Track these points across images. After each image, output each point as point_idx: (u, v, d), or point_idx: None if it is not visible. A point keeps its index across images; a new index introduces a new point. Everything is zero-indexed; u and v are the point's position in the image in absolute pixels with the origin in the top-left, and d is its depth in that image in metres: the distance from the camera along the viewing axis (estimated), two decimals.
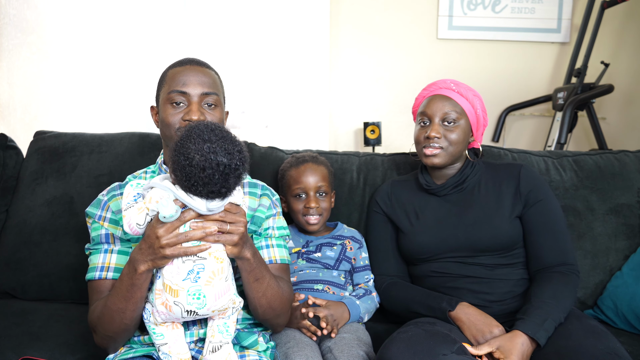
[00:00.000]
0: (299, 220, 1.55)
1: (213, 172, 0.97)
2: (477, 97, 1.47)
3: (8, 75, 2.39)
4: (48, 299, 1.68)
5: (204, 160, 0.97)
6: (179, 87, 1.21)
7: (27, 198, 1.75)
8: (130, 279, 1.07)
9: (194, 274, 1.02)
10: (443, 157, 1.44)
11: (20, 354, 1.27)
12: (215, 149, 0.97)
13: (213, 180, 0.98)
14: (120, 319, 1.10)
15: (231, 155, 0.99)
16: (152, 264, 1.04)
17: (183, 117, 1.19)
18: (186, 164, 0.97)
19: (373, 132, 3.12)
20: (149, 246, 1.03)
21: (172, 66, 1.27)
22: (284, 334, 1.37)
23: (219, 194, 1.01)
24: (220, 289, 1.04)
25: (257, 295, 1.16)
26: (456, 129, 1.44)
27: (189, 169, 0.97)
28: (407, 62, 3.31)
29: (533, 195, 1.42)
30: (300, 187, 1.53)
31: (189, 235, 1.02)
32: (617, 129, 3.30)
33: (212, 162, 0.97)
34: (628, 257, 1.65)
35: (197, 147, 0.97)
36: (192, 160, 0.97)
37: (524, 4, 3.25)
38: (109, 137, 1.84)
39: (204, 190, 0.99)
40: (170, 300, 1.03)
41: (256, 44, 3.15)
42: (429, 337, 1.20)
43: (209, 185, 0.98)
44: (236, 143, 1.01)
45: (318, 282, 1.50)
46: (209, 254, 1.04)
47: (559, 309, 1.28)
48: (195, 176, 0.97)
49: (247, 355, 1.20)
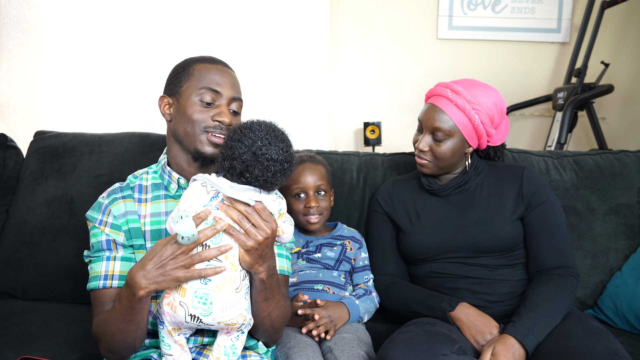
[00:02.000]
0: (300, 220, 1.55)
1: (274, 163, 1.02)
2: (477, 110, 1.37)
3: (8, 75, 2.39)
4: (48, 299, 1.68)
5: (274, 152, 1.02)
6: (212, 86, 1.17)
7: (27, 198, 1.75)
8: (129, 302, 1.01)
9: None
10: (431, 168, 1.44)
11: (20, 354, 1.27)
12: (281, 145, 1.04)
13: (271, 169, 1.02)
14: (122, 339, 1.06)
15: (292, 156, 1.07)
16: (156, 287, 0.98)
17: (214, 117, 1.16)
18: (255, 148, 1.01)
19: (373, 132, 3.12)
20: (157, 267, 0.97)
21: (199, 60, 1.22)
22: (284, 334, 1.37)
23: (271, 184, 1.04)
24: (229, 300, 1.00)
25: (262, 315, 1.11)
26: (444, 145, 1.40)
27: (255, 155, 1.01)
28: (407, 62, 3.30)
29: (536, 198, 1.42)
30: (300, 186, 1.53)
31: (202, 255, 0.98)
32: (617, 129, 3.30)
33: (279, 154, 1.03)
34: (628, 257, 1.65)
35: (267, 138, 1.03)
36: (262, 148, 1.02)
37: (524, 4, 3.25)
38: (109, 137, 1.84)
39: (259, 175, 1.01)
40: (177, 299, 0.99)
41: (256, 43, 3.15)
42: (429, 337, 1.20)
43: (267, 171, 1.01)
44: (287, 141, 1.08)
45: (318, 283, 1.50)
46: (226, 258, 1.00)
47: (552, 312, 1.27)
48: (257, 160, 1.01)
49: (248, 355, 1.19)
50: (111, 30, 2.99)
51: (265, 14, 3.14)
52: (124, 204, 1.19)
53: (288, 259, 1.27)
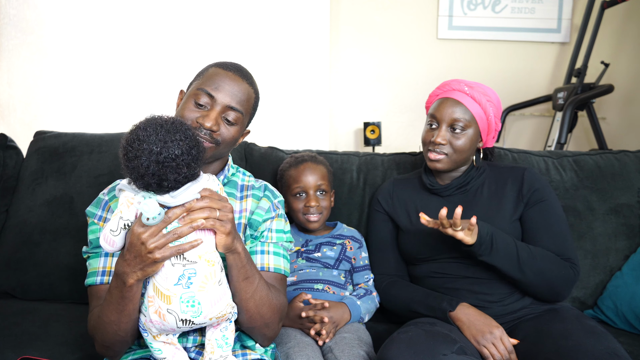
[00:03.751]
0: (300, 219, 1.55)
1: (183, 157, 0.93)
2: (490, 103, 1.42)
3: (8, 75, 2.39)
4: (48, 299, 1.68)
5: (175, 147, 0.93)
6: (208, 89, 1.16)
7: (27, 198, 1.75)
8: (120, 292, 1.00)
9: (185, 279, 0.97)
10: (446, 163, 1.43)
11: (20, 354, 1.27)
12: (176, 136, 0.94)
13: (183, 165, 0.93)
14: (114, 331, 1.05)
15: (164, 143, 0.93)
16: (142, 274, 0.97)
17: (198, 119, 1.15)
18: (154, 157, 0.92)
19: (373, 132, 3.12)
20: (135, 255, 0.95)
21: (217, 65, 1.22)
22: (285, 334, 1.37)
23: (193, 174, 0.96)
24: (215, 295, 1.00)
25: (245, 297, 1.08)
26: (463, 137, 1.41)
27: (159, 162, 0.92)
28: (407, 62, 3.31)
29: (535, 196, 1.42)
30: (300, 186, 1.53)
31: (177, 232, 0.95)
32: (617, 129, 3.30)
33: (180, 146, 0.93)
34: (628, 257, 1.65)
35: (158, 139, 0.93)
36: (162, 152, 0.92)
37: (524, 4, 3.25)
38: (109, 137, 1.84)
39: (177, 176, 0.94)
40: (164, 307, 0.97)
41: (256, 43, 3.15)
42: (429, 337, 1.20)
43: (180, 169, 0.93)
44: (176, 132, 0.96)
45: (318, 282, 1.50)
46: (199, 257, 0.98)
47: (527, 252, 1.32)
48: (164, 166, 0.92)
49: (248, 354, 1.19)
50: (111, 31, 3.00)
51: (265, 14, 3.14)
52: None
53: (285, 259, 1.25)
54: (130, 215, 0.97)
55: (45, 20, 2.60)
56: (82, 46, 2.86)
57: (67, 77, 2.80)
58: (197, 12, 3.11)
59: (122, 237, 0.98)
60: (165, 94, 2.83)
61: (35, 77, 2.57)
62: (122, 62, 3.02)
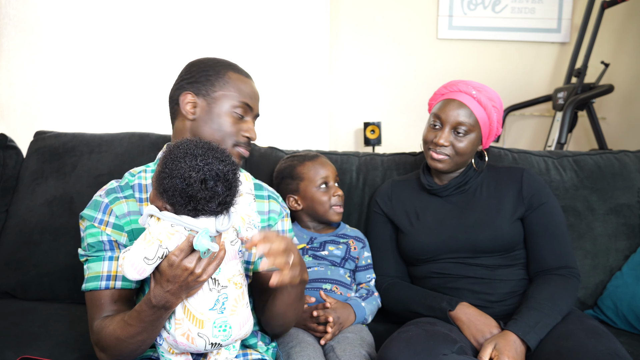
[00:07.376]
0: (324, 212, 1.53)
1: (215, 183, 0.91)
2: (495, 108, 1.42)
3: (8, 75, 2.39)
4: (48, 299, 1.68)
5: (203, 174, 0.90)
6: (249, 101, 1.19)
7: (27, 198, 1.75)
8: (158, 316, 0.97)
9: (219, 305, 0.97)
10: (448, 164, 1.43)
11: (20, 354, 1.27)
12: (208, 159, 0.92)
13: (217, 191, 0.91)
14: (138, 346, 1.03)
15: (224, 162, 0.93)
16: (186, 296, 0.96)
17: (243, 133, 1.18)
18: (185, 185, 0.90)
19: (373, 132, 3.11)
20: (180, 285, 0.92)
21: (232, 68, 1.21)
22: (286, 333, 1.37)
23: (229, 204, 0.94)
24: (243, 317, 1.01)
25: (296, 314, 1.18)
26: (465, 140, 1.41)
27: (190, 188, 0.90)
28: (407, 61, 3.30)
29: (536, 199, 1.42)
30: (323, 176, 1.54)
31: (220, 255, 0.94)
32: (617, 129, 3.29)
33: (212, 172, 0.91)
34: (628, 257, 1.65)
35: (190, 165, 0.91)
36: (190, 179, 0.90)
37: (524, 4, 3.25)
38: (109, 137, 1.84)
39: (213, 204, 0.91)
40: (194, 331, 0.96)
41: (256, 43, 3.15)
42: (429, 337, 1.20)
43: (215, 198, 0.91)
44: (223, 150, 0.96)
45: (326, 282, 1.50)
46: (228, 281, 0.98)
47: (554, 311, 1.28)
48: (199, 193, 0.90)
49: (249, 353, 1.19)
50: (111, 30, 3.00)
51: (265, 13, 3.14)
52: (126, 204, 1.15)
53: None
54: (171, 246, 0.92)
55: (45, 20, 2.60)
56: (82, 46, 2.86)
57: (67, 77, 2.79)
58: (197, 12, 3.11)
59: (154, 266, 0.93)
60: (165, 94, 2.82)
61: (35, 77, 2.57)
62: (122, 62, 3.02)
